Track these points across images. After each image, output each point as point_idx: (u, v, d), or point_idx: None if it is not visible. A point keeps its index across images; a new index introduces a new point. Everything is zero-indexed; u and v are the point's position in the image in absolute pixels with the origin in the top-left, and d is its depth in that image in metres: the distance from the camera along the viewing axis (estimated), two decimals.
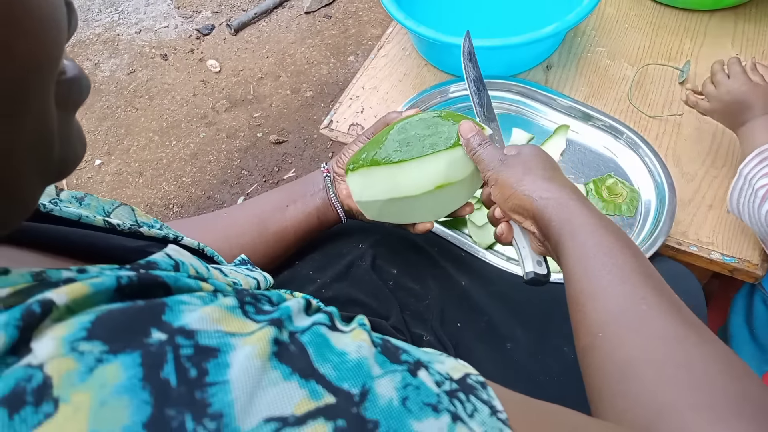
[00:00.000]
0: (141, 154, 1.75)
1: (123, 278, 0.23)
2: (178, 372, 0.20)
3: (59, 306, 0.20)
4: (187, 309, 0.22)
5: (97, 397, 0.19)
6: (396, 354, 0.25)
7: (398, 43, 1.00)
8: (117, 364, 0.19)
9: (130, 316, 0.21)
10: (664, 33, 0.95)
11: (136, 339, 0.20)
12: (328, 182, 0.65)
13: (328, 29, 2.01)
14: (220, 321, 0.22)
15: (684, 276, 0.68)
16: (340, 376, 0.22)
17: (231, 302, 0.23)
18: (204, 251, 0.44)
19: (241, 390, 0.20)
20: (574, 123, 0.83)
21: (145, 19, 2.13)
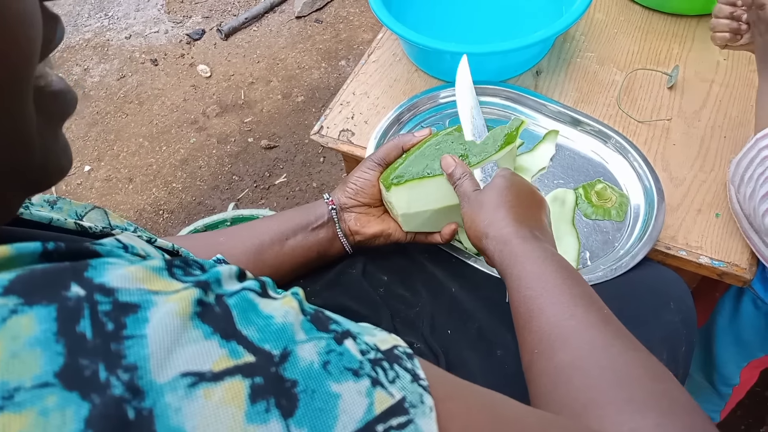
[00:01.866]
0: (131, 159, 1.74)
1: (50, 244, 0.23)
2: (94, 326, 0.20)
3: None
4: (111, 267, 0.22)
5: (9, 348, 0.19)
6: (325, 323, 0.25)
7: (389, 49, 1.00)
8: (31, 315, 0.19)
9: (51, 273, 0.21)
10: (652, 38, 0.96)
11: (54, 292, 0.20)
12: (334, 215, 0.64)
13: (319, 34, 2.01)
14: (144, 280, 0.22)
15: (673, 281, 0.69)
16: (263, 338, 0.22)
17: (158, 264, 0.23)
18: (178, 252, 0.44)
19: (158, 345, 0.20)
20: (563, 128, 0.83)
21: (135, 24, 2.12)
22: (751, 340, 0.89)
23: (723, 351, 0.93)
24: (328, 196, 0.66)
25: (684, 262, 0.73)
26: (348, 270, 0.66)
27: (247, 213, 1.30)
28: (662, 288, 0.68)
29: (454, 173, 0.60)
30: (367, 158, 0.68)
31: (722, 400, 1.00)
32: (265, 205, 1.62)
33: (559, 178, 0.80)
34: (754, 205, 0.64)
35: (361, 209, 0.66)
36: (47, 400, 0.18)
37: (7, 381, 0.18)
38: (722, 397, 1.00)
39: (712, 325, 0.93)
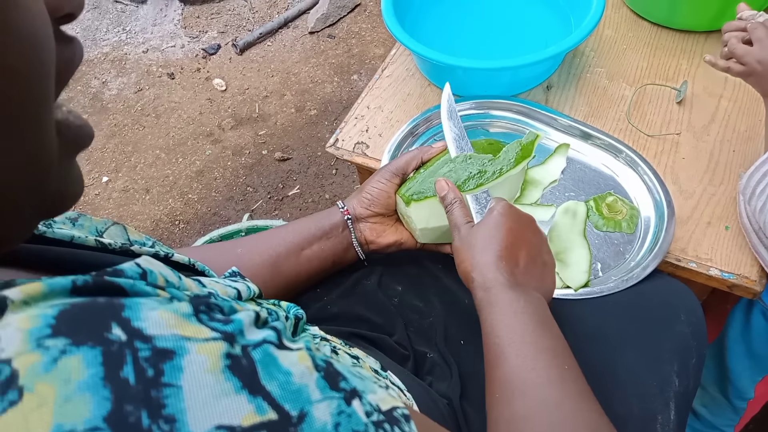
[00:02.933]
0: (148, 171, 1.78)
1: (78, 280, 0.24)
2: (136, 372, 0.22)
3: (14, 300, 0.22)
4: (145, 306, 0.24)
5: (62, 393, 0.20)
6: (336, 380, 0.27)
7: (402, 64, 1.02)
8: (79, 356, 0.21)
9: (92, 310, 0.23)
10: (661, 54, 0.98)
11: (98, 333, 0.22)
12: (349, 224, 0.66)
13: (331, 49, 2.04)
14: (176, 326, 0.24)
15: (683, 293, 0.70)
16: (284, 396, 0.24)
17: (186, 309, 0.25)
18: (195, 266, 0.45)
19: (194, 400, 0.22)
20: (574, 142, 0.85)
21: (152, 39, 2.17)
22: (764, 353, 0.89)
23: (736, 364, 0.93)
24: (343, 205, 0.67)
25: (694, 274, 0.74)
26: (363, 280, 0.68)
27: (262, 224, 1.32)
28: (673, 300, 0.69)
29: (446, 197, 0.61)
30: (384, 168, 0.68)
31: (737, 414, 1.00)
32: (279, 216, 1.64)
33: (571, 191, 0.81)
34: (765, 219, 0.65)
35: (376, 219, 0.67)
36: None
37: (62, 424, 0.20)
38: (737, 411, 0.99)
39: (724, 337, 0.94)
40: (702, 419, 1.04)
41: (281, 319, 0.36)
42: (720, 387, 0.98)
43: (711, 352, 0.98)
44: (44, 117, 0.25)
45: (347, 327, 0.64)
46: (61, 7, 0.25)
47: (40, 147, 0.25)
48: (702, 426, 1.05)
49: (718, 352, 0.96)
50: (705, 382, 1.00)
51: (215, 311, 0.27)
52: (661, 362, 0.63)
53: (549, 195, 0.81)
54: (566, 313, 0.68)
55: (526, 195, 0.81)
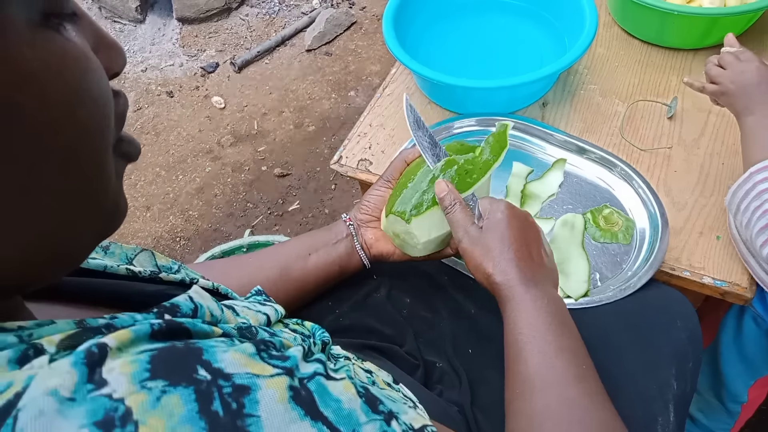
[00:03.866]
0: (148, 188, 1.80)
1: (155, 325, 0.29)
2: (223, 405, 0.26)
3: (112, 348, 0.26)
4: (219, 349, 0.28)
5: (169, 425, 0.24)
6: (375, 404, 0.32)
7: (402, 83, 1.06)
8: (177, 395, 0.25)
9: (177, 355, 0.27)
10: (651, 71, 1.02)
11: (188, 375, 0.26)
12: (352, 230, 0.68)
13: (328, 66, 2.08)
14: (247, 365, 0.28)
15: (679, 300, 0.73)
16: (338, 420, 0.29)
17: (251, 350, 0.30)
18: (218, 290, 0.48)
19: (270, 426, 0.26)
20: (570, 156, 0.88)
21: (151, 58, 2.20)
22: (756, 357, 0.92)
23: (729, 368, 0.96)
24: (347, 215, 0.71)
25: (688, 282, 0.77)
26: (373, 293, 0.70)
27: (263, 239, 1.35)
28: (669, 307, 0.72)
29: (445, 199, 0.61)
30: (379, 179, 0.72)
31: (731, 418, 1.03)
32: (279, 231, 1.66)
33: (568, 204, 0.84)
34: (751, 235, 0.68)
35: (376, 224, 0.70)
36: None
37: None
38: (731, 414, 1.02)
39: (718, 343, 0.96)
40: (698, 423, 1.07)
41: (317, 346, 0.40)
42: (715, 391, 1.01)
43: (705, 358, 1.01)
44: (107, 160, 0.29)
45: (359, 339, 0.66)
46: (112, 67, 0.30)
47: (101, 184, 0.29)
48: (699, 430, 1.08)
49: (712, 357, 0.99)
50: (700, 386, 1.03)
51: (271, 349, 0.31)
52: (659, 366, 0.65)
53: (548, 208, 0.84)
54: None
55: (525, 208, 0.84)
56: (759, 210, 0.66)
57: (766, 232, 0.65)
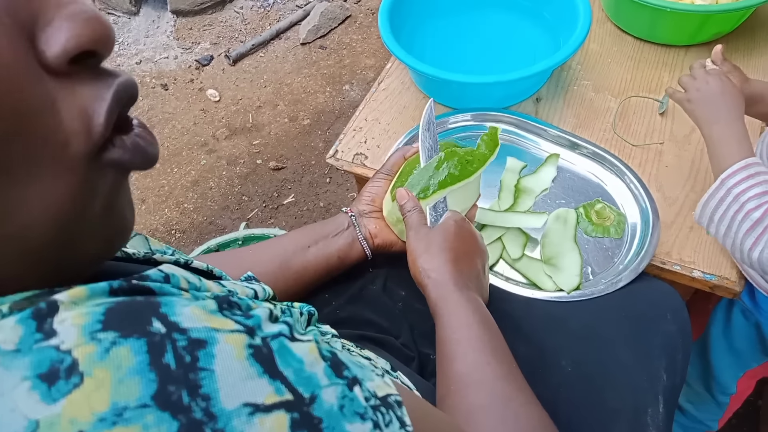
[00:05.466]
0: (143, 181, 1.80)
1: (114, 284, 0.28)
2: (176, 358, 0.25)
3: (64, 302, 0.26)
4: (178, 304, 0.28)
5: (116, 377, 0.24)
6: (340, 369, 0.31)
7: (397, 78, 1.06)
8: (128, 346, 0.25)
9: (134, 308, 0.27)
10: (644, 67, 1.03)
11: (141, 327, 0.26)
12: (354, 221, 0.70)
13: (323, 59, 2.08)
14: (206, 319, 0.28)
15: (669, 294, 0.74)
16: (297, 381, 0.28)
17: (212, 306, 0.29)
18: (212, 272, 0.48)
19: (224, 381, 0.26)
20: (563, 152, 0.90)
21: (145, 50, 2.20)
22: (744, 350, 0.94)
23: (719, 360, 0.98)
24: (347, 209, 0.73)
25: (678, 276, 0.79)
26: (369, 285, 0.71)
27: (258, 232, 1.35)
28: (659, 300, 0.73)
29: (405, 206, 0.66)
30: (377, 172, 0.76)
31: (720, 409, 1.05)
32: (274, 225, 1.67)
33: (561, 199, 0.85)
34: (733, 242, 0.68)
35: (377, 214, 0.73)
36: (147, 418, 0.24)
37: (117, 402, 0.24)
38: (720, 406, 1.04)
39: (707, 335, 0.98)
40: (688, 415, 1.09)
41: (294, 315, 0.40)
42: (704, 383, 1.03)
43: (695, 350, 1.03)
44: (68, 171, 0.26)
45: (355, 330, 0.67)
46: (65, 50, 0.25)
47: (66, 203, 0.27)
48: (688, 421, 1.10)
49: (701, 349, 1.00)
50: (690, 378, 1.05)
51: (235, 308, 0.31)
52: (650, 359, 0.67)
53: (541, 203, 0.85)
54: (560, 315, 0.72)
55: (519, 203, 0.85)
56: (740, 213, 0.66)
57: (753, 233, 0.66)
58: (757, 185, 0.66)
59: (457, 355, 0.53)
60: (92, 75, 0.27)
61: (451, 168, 0.70)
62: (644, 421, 0.63)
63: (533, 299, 0.74)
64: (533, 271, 0.78)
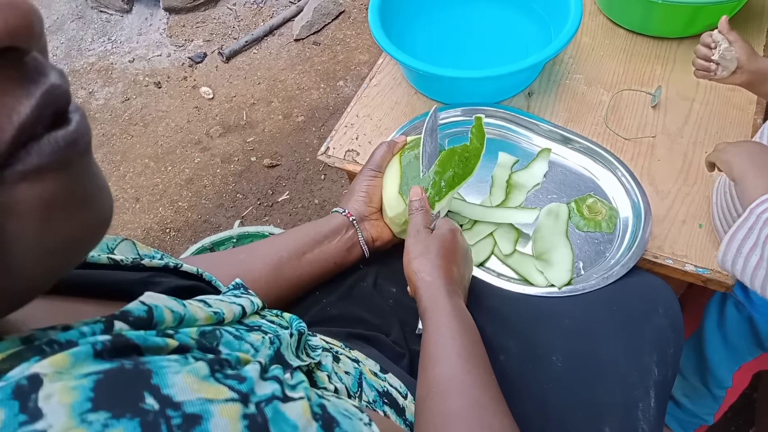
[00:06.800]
0: (137, 180, 1.79)
1: (98, 344, 0.26)
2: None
3: (47, 374, 0.24)
4: (170, 371, 0.27)
5: None
6: (331, 427, 0.31)
7: (389, 73, 1.06)
8: (120, 429, 0.23)
9: (124, 380, 0.25)
10: (636, 60, 1.02)
11: (133, 404, 0.24)
12: (355, 224, 0.70)
13: (317, 56, 2.07)
14: (199, 390, 0.26)
15: (661, 288, 0.74)
16: None
17: (204, 371, 0.28)
18: (202, 276, 0.48)
19: None
20: (555, 146, 0.89)
21: (138, 48, 2.18)
22: (738, 343, 0.94)
23: (714, 353, 0.98)
24: (343, 209, 0.71)
25: (671, 269, 0.78)
26: (360, 283, 0.71)
27: (253, 230, 1.35)
28: (651, 294, 0.73)
29: (414, 204, 0.68)
30: (364, 169, 0.75)
31: (716, 402, 1.05)
32: (269, 222, 1.66)
33: (553, 193, 0.85)
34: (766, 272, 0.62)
35: (376, 215, 0.73)
36: None
37: None
38: (716, 399, 1.04)
39: (702, 329, 0.98)
40: (684, 408, 1.09)
41: (284, 341, 0.40)
42: (700, 377, 1.03)
43: (691, 344, 1.02)
44: None
45: (346, 328, 0.67)
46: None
47: None
48: (684, 415, 1.10)
49: (697, 343, 1.00)
50: (686, 372, 1.05)
51: (226, 367, 0.30)
52: (641, 353, 0.67)
53: (532, 198, 0.85)
54: (551, 310, 0.72)
55: (510, 198, 0.85)
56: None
57: None
58: None
59: (441, 359, 0.53)
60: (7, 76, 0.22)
61: (455, 167, 0.72)
62: (635, 416, 0.62)
63: (524, 295, 0.74)
64: (525, 267, 0.78)
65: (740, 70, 0.78)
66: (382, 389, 0.53)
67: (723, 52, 0.78)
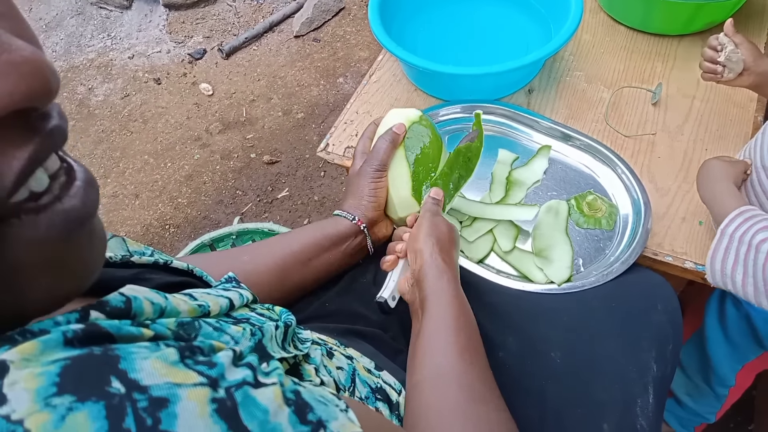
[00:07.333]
0: (137, 176, 1.79)
1: (68, 332, 0.26)
2: (137, 422, 0.24)
3: (14, 361, 0.24)
4: (138, 356, 0.26)
5: None
6: (304, 412, 0.30)
7: (389, 70, 1.05)
8: (85, 412, 0.23)
9: (91, 364, 0.25)
10: (637, 57, 1.02)
11: (99, 387, 0.24)
12: (366, 231, 0.70)
13: (317, 52, 2.07)
14: (167, 374, 0.26)
15: (660, 284, 0.74)
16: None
17: (174, 356, 0.27)
18: (193, 271, 0.47)
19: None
20: (555, 143, 0.89)
21: (138, 45, 2.18)
22: (739, 341, 0.94)
23: (715, 351, 0.98)
24: (353, 216, 0.69)
25: (670, 267, 0.78)
26: (359, 278, 0.71)
27: (252, 226, 1.34)
28: (650, 291, 0.73)
29: (433, 201, 0.68)
30: (368, 168, 0.71)
31: (718, 401, 1.05)
32: (269, 219, 1.66)
33: (552, 190, 0.85)
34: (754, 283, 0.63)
35: (382, 214, 0.73)
36: None
37: None
38: (719, 398, 1.04)
39: (704, 327, 0.98)
40: (685, 407, 1.09)
41: (268, 332, 0.39)
42: (703, 375, 1.03)
43: (694, 343, 1.02)
44: None
45: (344, 324, 0.67)
46: None
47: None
48: (686, 413, 1.10)
49: (700, 342, 1.00)
50: (689, 371, 1.05)
51: (198, 354, 0.29)
52: (640, 350, 0.67)
53: (532, 195, 0.85)
54: (551, 307, 0.72)
55: (510, 195, 0.85)
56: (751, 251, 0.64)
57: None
58: (757, 223, 0.64)
59: (443, 349, 0.53)
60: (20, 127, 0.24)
61: (460, 169, 0.74)
62: (634, 412, 0.62)
63: (524, 291, 0.74)
64: (524, 264, 0.78)
65: (747, 73, 0.79)
66: (376, 386, 0.53)
67: (729, 54, 0.78)
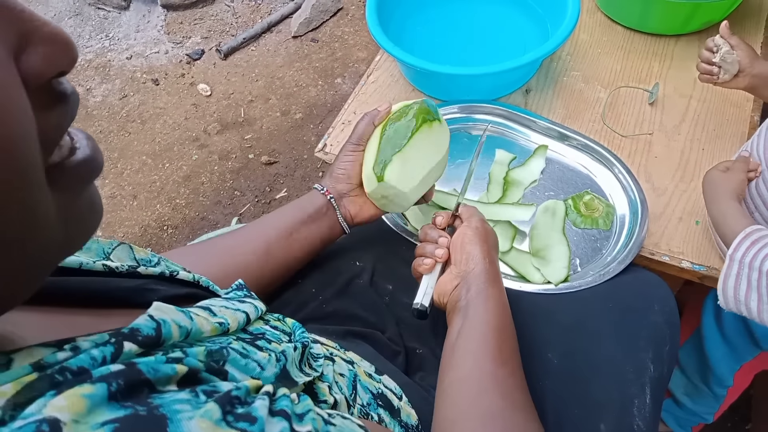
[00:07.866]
0: (135, 177, 1.79)
1: (113, 386, 0.27)
2: None
3: (66, 423, 0.24)
4: (183, 417, 0.27)
5: None
6: None
7: (386, 70, 1.05)
8: None
9: (139, 429, 0.25)
10: (634, 57, 1.02)
11: None
12: (333, 203, 0.69)
13: (315, 53, 2.07)
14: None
15: (657, 284, 0.74)
16: None
17: (217, 414, 0.28)
18: (199, 282, 0.47)
19: None
20: (552, 143, 0.89)
21: (136, 45, 2.18)
22: (736, 341, 0.94)
23: (713, 351, 0.98)
24: (322, 187, 0.70)
25: (667, 266, 0.79)
26: (356, 280, 0.71)
27: None
28: (647, 291, 0.73)
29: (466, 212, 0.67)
30: (346, 143, 0.71)
31: (717, 402, 1.05)
32: None
33: (550, 190, 0.85)
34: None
35: (356, 191, 0.70)
36: None
37: None
38: (717, 398, 1.04)
39: (701, 326, 0.98)
40: (683, 407, 1.09)
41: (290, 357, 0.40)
42: (702, 376, 1.03)
43: (693, 343, 1.03)
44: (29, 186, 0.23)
45: (342, 325, 0.67)
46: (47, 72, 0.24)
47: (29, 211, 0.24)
48: (684, 414, 1.10)
49: (698, 342, 1.00)
50: (688, 371, 1.05)
51: (237, 406, 0.30)
52: (637, 350, 0.67)
53: (529, 195, 0.85)
54: (547, 307, 0.72)
55: (507, 195, 0.85)
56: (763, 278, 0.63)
57: None
58: (764, 247, 0.64)
59: (489, 355, 0.54)
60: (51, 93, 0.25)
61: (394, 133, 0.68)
62: (631, 412, 0.62)
63: (521, 292, 0.74)
64: (521, 264, 0.78)
65: (743, 74, 0.79)
66: (377, 391, 0.53)
67: (724, 55, 0.79)
